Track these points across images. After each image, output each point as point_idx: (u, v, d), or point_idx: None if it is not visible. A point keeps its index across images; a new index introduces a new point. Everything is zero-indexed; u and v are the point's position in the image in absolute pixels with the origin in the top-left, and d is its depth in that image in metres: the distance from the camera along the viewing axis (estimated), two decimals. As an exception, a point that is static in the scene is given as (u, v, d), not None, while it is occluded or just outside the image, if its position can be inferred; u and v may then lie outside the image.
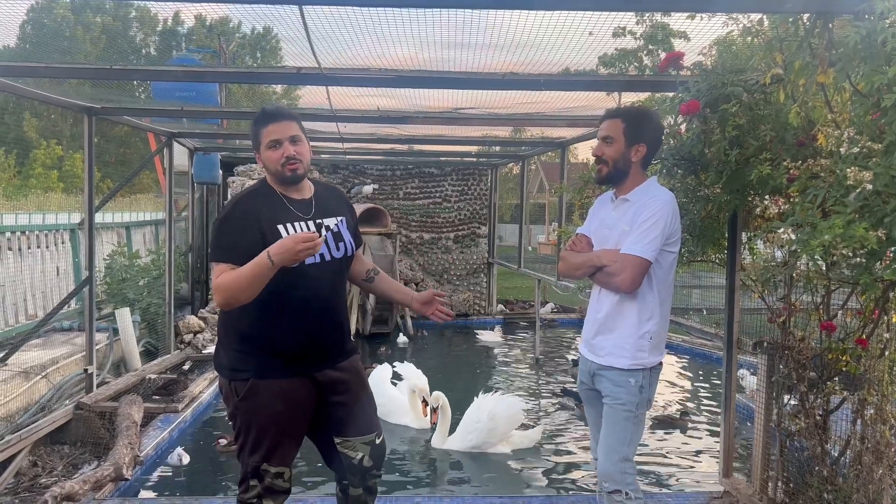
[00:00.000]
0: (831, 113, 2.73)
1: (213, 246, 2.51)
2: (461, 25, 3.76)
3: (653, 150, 2.83)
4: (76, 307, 8.03)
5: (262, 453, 2.55)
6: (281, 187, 2.61)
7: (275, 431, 2.56)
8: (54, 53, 14.76)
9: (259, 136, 2.58)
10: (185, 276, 10.25)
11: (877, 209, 2.14)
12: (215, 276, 2.46)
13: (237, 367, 2.56)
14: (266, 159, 2.57)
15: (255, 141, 2.62)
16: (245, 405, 2.53)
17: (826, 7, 2.50)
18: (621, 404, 2.70)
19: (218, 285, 2.43)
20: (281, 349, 2.55)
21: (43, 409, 5.63)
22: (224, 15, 8.09)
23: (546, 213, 28.71)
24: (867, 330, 3.03)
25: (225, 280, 2.41)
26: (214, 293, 2.47)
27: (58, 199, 17.33)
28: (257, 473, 2.56)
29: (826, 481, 3.18)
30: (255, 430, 2.55)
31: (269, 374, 2.53)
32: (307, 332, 2.58)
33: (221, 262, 2.45)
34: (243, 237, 2.46)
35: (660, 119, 3.01)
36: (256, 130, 2.60)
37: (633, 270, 2.62)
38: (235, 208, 2.54)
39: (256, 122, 2.61)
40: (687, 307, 8.06)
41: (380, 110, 6.01)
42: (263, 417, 2.54)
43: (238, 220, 2.49)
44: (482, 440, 5.27)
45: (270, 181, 2.63)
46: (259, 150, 2.60)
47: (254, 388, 2.52)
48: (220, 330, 2.67)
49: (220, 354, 2.64)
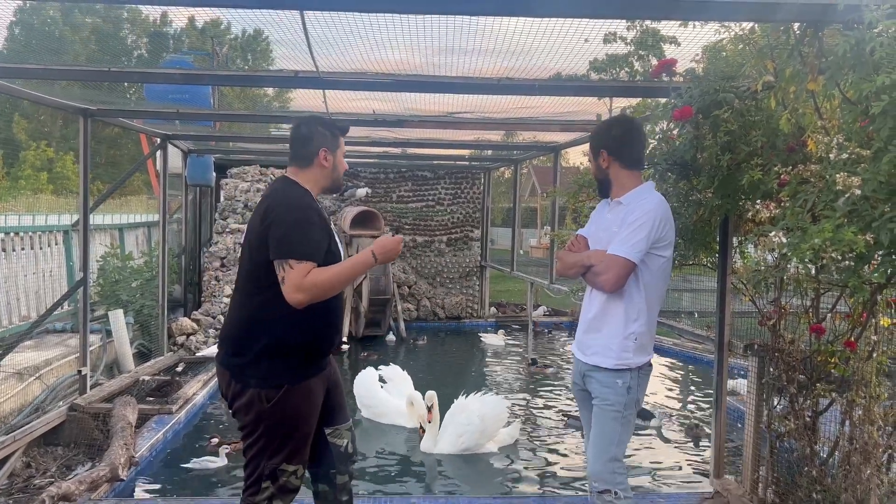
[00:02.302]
0: (821, 120, 2.79)
1: (297, 243, 2.46)
2: (456, 31, 3.81)
3: (618, 149, 2.84)
4: (69, 308, 8.02)
5: (284, 455, 2.56)
6: (317, 190, 2.75)
7: (300, 433, 2.60)
8: (43, 54, 14.68)
9: (339, 139, 2.76)
10: (178, 278, 10.24)
11: (865, 214, 2.20)
12: (299, 273, 2.43)
13: (269, 374, 2.53)
14: (339, 163, 2.78)
15: (332, 141, 2.73)
16: (275, 410, 2.52)
17: (816, 17, 2.55)
18: (609, 405, 2.75)
19: (314, 282, 2.44)
20: (322, 348, 2.66)
21: (37, 411, 5.63)
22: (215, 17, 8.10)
23: (538, 216, 28.80)
24: (855, 333, 3.09)
25: (323, 276, 2.47)
26: (301, 290, 2.43)
27: (48, 201, 17.24)
28: (273, 475, 2.55)
29: (815, 482, 3.23)
30: (281, 434, 2.55)
31: (301, 377, 2.58)
32: (340, 326, 2.75)
33: (307, 260, 2.46)
34: (322, 238, 2.56)
35: (623, 120, 3.09)
36: (335, 135, 2.74)
37: (616, 270, 2.68)
38: (306, 209, 2.57)
39: (338, 128, 2.77)
40: (678, 310, 8.13)
41: (375, 113, 6.04)
42: (292, 421, 2.56)
43: (316, 221, 2.57)
44: (474, 441, 5.31)
45: (312, 181, 2.72)
46: (335, 151, 2.73)
47: (287, 394, 2.53)
48: (241, 338, 2.58)
49: (244, 363, 2.56)
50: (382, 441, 5.71)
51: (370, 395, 6.25)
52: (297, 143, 2.73)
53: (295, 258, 2.45)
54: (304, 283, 2.43)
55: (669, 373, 8.51)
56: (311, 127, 2.72)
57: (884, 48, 2.19)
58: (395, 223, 11.62)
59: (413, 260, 11.79)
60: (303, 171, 2.71)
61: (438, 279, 11.85)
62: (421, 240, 11.82)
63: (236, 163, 10.84)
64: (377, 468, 5.11)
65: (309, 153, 2.69)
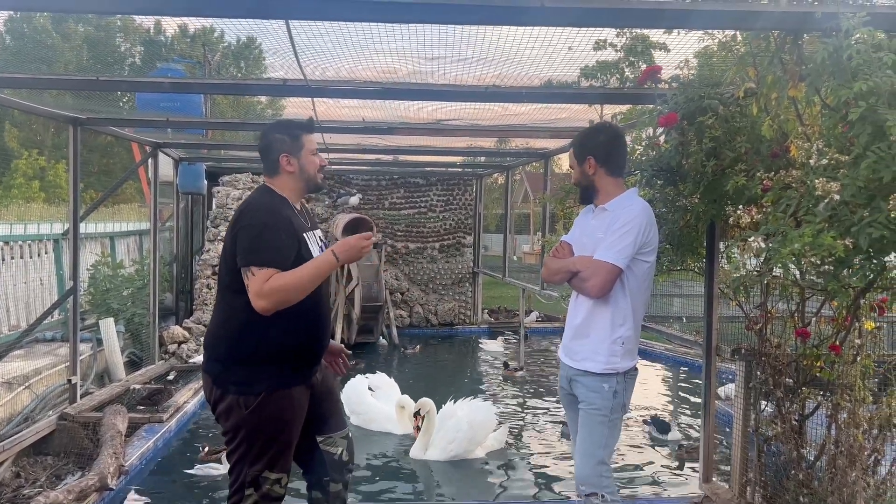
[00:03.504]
0: (802, 126, 2.82)
1: (258, 250, 2.48)
2: (445, 39, 3.83)
3: (605, 157, 2.87)
4: (59, 318, 7.99)
5: (265, 462, 2.56)
6: (295, 196, 2.73)
7: (281, 441, 2.59)
8: (34, 63, 14.66)
9: (300, 140, 2.71)
10: (170, 287, 10.21)
11: (844, 219, 2.23)
12: (260, 279, 2.43)
13: (246, 381, 2.54)
14: (307, 163, 2.71)
15: (292, 144, 2.69)
16: (252, 417, 2.53)
17: (796, 25, 2.59)
18: (596, 409, 2.78)
19: (273, 287, 2.43)
20: (303, 355, 2.64)
21: (26, 420, 5.60)
22: (207, 25, 8.12)
23: (531, 222, 28.87)
24: (840, 336, 3.11)
25: (282, 281, 2.44)
26: (262, 296, 2.43)
27: (39, 210, 17.17)
28: (255, 482, 2.56)
29: (802, 485, 3.25)
30: (260, 441, 2.55)
31: (279, 385, 2.56)
32: (322, 335, 2.73)
33: (267, 266, 2.45)
34: (286, 243, 2.53)
35: (608, 127, 3.11)
36: (297, 134, 2.71)
37: (603, 276, 2.71)
38: (273, 215, 2.57)
39: (300, 127, 2.74)
40: (668, 315, 8.16)
41: (365, 121, 6.06)
42: (271, 428, 2.56)
43: (280, 226, 2.55)
44: (463, 448, 5.31)
45: (287, 188, 2.71)
46: (297, 153, 2.69)
47: (264, 401, 2.53)
48: (221, 344, 2.62)
49: (223, 370, 2.59)
50: (372, 448, 5.70)
51: (359, 402, 6.26)
52: (261, 155, 2.76)
53: (256, 265, 2.46)
54: (264, 289, 2.43)
55: (661, 378, 8.53)
56: (268, 136, 2.74)
57: (861, 55, 2.22)
58: (387, 230, 11.63)
59: (405, 266, 11.80)
60: (273, 179, 2.73)
61: (431, 286, 11.86)
62: (413, 246, 11.83)
63: (228, 170, 10.83)
64: (367, 475, 5.11)
65: (272, 162, 2.71)
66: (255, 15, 2.89)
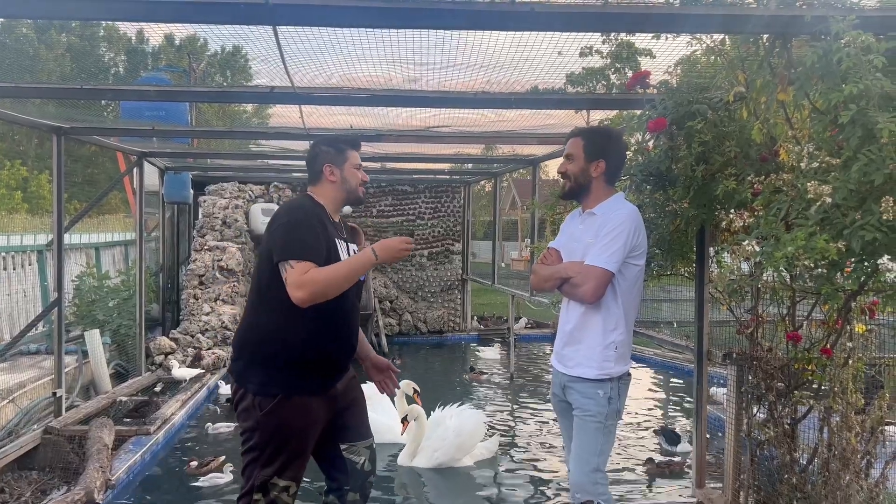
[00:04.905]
0: (792, 129, 2.82)
1: (294, 243, 2.57)
2: (433, 45, 3.82)
3: (614, 165, 2.90)
4: (44, 329, 7.88)
5: (276, 467, 2.60)
6: (334, 206, 2.83)
7: (293, 448, 2.63)
8: (16, 72, 14.54)
9: (345, 153, 2.85)
10: (156, 297, 10.11)
11: (836, 222, 2.23)
12: (299, 271, 2.52)
13: (265, 382, 2.62)
14: (350, 176, 2.84)
15: (337, 156, 2.83)
16: (267, 420, 2.59)
17: (784, 28, 2.60)
18: (591, 416, 2.76)
19: (311, 278, 2.50)
20: (325, 364, 2.70)
21: (10, 434, 5.50)
22: (191, 33, 8.08)
23: (519, 229, 28.90)
24: (831, 340, 3.11)
25: (320, 274, 2.52)
26: (300, 287, 2.50)
27: (22, 221, 16.99)
28: (264, 487, 2.60)
29: (795, 489, 3.24)
30: (273, 445, 2.60)
31: (297, 391, 2.62)
32: (347, 347, 2.80)
33: (305, 259, 2.54)
34: (320, 241, 2.62)
35: (622, 137, 3.10)
36: (343, 148, 2.84)
37: (595, 281, 2.69)
38: (309, 215, 2.68)
39: (346, 142, 2.88)
40: (658, 320, 8.17)
41: (353, 128, 6.04)
42: (285, 433, 2.60)
43: (315, 225, 2.65)
44: (450, 456, 5.26)
45: (327, 197, 2.82)
46: (341, 165, 2.83)
47: (280, 405, 2.59)
48: (247, 345, 2.71)
49: (244, 368, 2.68)
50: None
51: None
52: (307, 165, 2.90)
53: (294, 258, 2.55)
54: (303, 279, 2.51)
55: (651, 383, 8.53)
56: (315, 148, 2.89)
57: (850, 58, 2.23)
58: (376, 238, 11.58)
59: (394, 274, 11.75)
60: (315, 188, 2.86)
61: (420, 293, 11.82)
62: (402, 254, 11.77)
63: (214, 179, 10.75)
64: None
65: (316, 171, 2.85)
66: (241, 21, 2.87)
